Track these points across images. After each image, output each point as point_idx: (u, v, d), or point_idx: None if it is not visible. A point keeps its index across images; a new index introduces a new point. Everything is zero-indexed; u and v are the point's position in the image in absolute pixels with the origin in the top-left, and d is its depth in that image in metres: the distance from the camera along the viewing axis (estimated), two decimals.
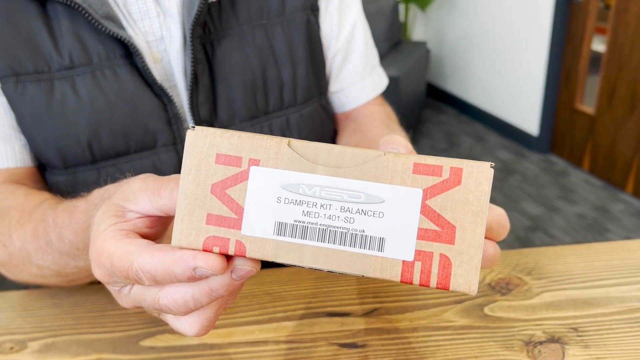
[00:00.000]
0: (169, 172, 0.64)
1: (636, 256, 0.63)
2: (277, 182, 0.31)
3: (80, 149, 0.61)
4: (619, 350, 0.50)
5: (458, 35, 3.79)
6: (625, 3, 2.58)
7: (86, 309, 0.59)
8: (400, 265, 0.30)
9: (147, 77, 0.61)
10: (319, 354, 0.52)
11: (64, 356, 0.53)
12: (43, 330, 0.57)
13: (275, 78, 0.67)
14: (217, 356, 0.52)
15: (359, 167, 0.30)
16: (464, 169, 0.30)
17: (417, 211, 0.30)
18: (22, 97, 0.59)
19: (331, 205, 0.30)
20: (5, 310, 0.60)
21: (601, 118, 2.84)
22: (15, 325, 0.58)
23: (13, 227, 0.55)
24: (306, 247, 0.30)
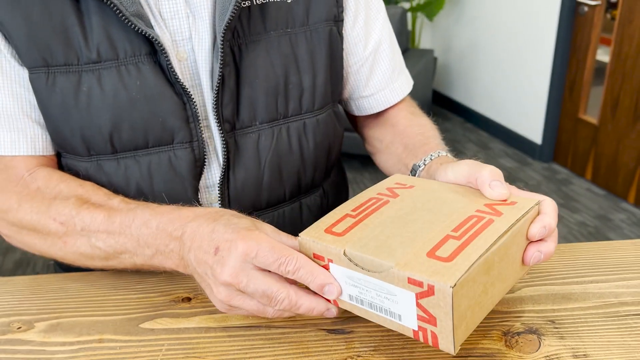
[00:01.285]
0: (183, 167, 0.67)
1: (614, 255, 0.66)
2: (343, 273, 0.50)
3: (102, 140, 0.65)
4: (592, 341, 0.53)
5: (464, 44, 3.82)
6: (629, 15, 2.60)
7: (90, 293, 0.63)
8: (411, 331, 0.47)
9: (169, 75, 0.64)
10: (308, 338, 0.54)
11: (68, 336, 0.56)
12: (49, 312, 0.60)
13: (296, 84, 0.70)
14: (212, 339, 0.55)
15: (382, 273, 0.47)
16: (435, 287, 0.43)
17: (414, 304, 0.46)
18: (52, 88, 0.63)
19: (371, 291, 0.48)
20: (13, 293, 0.63)
21: (604, 128, 2.86)
22: (23, 307, 0.61)
23: (76, 210, 0.61)
24: (363, 309, 0.50)
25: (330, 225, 0.53)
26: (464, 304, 0.44)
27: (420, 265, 0.45)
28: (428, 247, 0.47)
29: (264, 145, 0.70)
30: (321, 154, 0.76)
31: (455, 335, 0.44)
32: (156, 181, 0.67)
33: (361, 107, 0.83)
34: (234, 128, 0.68)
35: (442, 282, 0.43)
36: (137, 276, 0.65)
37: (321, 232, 0.52)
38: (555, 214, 0.53)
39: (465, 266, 0.44)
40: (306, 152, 0.73)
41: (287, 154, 0.72)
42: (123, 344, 0.55)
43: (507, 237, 0.48)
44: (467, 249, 0.46)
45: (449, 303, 0.43)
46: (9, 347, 0.55)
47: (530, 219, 0.52)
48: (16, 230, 0.65)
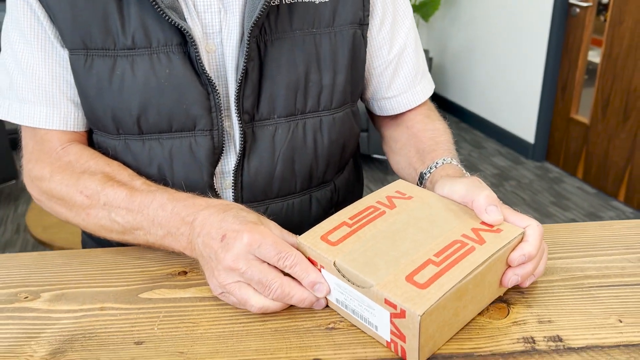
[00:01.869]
0: (202, 153, 0.71)
1: (581, 235, 0.70)
2: (332, 279, 0.55)
3: (130, 121, 0.70)
4: (557, 309, 0.57)
5: (460, 46, 3.87)
6: (620, 16, 2.65)
7: (92, 268, 0.67)
8: (385, 341, 0.53)
9: (197, 66, 0.68)
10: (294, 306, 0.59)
11: (72, 304, 0.60)
12: (54, 283, 0.64)
13: (316, 82, 0.73)
14: (206, 307, 0.59)
15: (364, 289, 0.52)
16: (406, 312, 0.48)
17: (389, 321, 0.51)
18: (90, 69, 0.68)
19: (354, 300, 0.54)
20: (19, 268, 0.67)
21: (595, 128, 2.91)
22: (29, 279, 0.65)
23: (102, 186, 0.66)
24: (346, 312, 0.56)
25: (326, 232, 0.58)
26: (432, 327, 0.49)
27: (397, 288, 0.50)
28: (408, 270, 0.52)
29: (279, 137, 0.73)
30: (335, 151, 0.78)
31: (421, 354, 0.50)
32: (176, 164, 0.71)
33: (383, 107, 0.86)
34: (252, 119, 0.72)
35: (412, 309, 0.48)
36: (137, 252, 0.70)
37: (317, 239, 0.57)
38: (538, 241, 0.56)
39: (437, 296, 0.48)
40: (320, 148, 0.76)
41: (301, 148, 0.75)
42: (123, 311, 0.59)
43: (484, 266, 0.52)
44: (443, 277, 0.50)
45: (417, 328, 0.48)
46: (17, 314, 0.59)
47: (512, 247, 0.56)
48: (47, 197, 0.71)
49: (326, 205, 0.82)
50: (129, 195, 0.65)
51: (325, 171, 0.79)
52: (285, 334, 0.55)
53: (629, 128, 2.70)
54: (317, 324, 0.56)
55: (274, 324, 0.56)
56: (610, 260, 0.65)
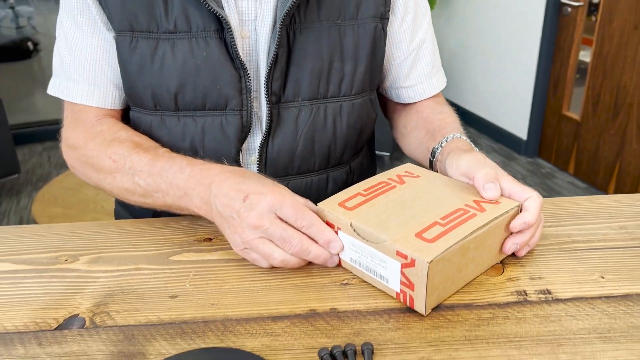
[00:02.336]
0: (231, 131, 0.78)
1: (570, 207, 0.77)
2: (347, 240, 0.62)
3: (168, 98, 0.76)
4: (547, 268, 0.64)
5: (455, 45, 3.94)
6: (610, 16, 2.73)
7: (124, 235, 0.73)
8: (394, 292, 0.59)
9: (232, 51, 0.75)
10: (311, 264, 0.65)
11: (109, 266, 0.67)
12: (90, 248, 0.70)
13: (338, 70, 0.80)
14: (232, 267, 0.66)
15: (378, 244, 0.58)
16: (416, 260, 0.54)
17: (399, 272, 0.57)
18: (134, 50, 0.75)
19: (368, 257, 0.60)
20: (56, 236, 0.74)
21: (586, 124, 2.99)
22: (67, 246, 0.71)
23: (129, 152, 0.73)
24: (359, 270, 0.62)
25: (344, 200, 0.65)
26: (438, 277, 0.56)
27: (408, 242, 0.56)
28: (417, 229, 0.58)
29: (302, 119, 0.80)
30: (352, 134, 0.85)
31: (427, 301, 0.56)
32: (207, 139, 0.77)
33: (400, 95, 0.92)
34: (279, 101, 0.78)
35: (422, 257, 0.54)
36: (164, 222, 0.76)
37: (335, 205, 0.64)
38: (538, 211, 0.63)
39: (443, 248, 0.55)
40: (339, 131, 0.83)
41: (322, 129, 0.81)
42: (157, 270, 0.65)
43: (484, 230, 0.59)
44: (448, 235, 0.57)
45: (425, 275, 0.54)
46: (60, 274, 0.65)
47: (510, 216, 0.62)
48: (80, 164, 0.78)
49: (342, 185, 0.88)
50: (152, 160, 0.71)
51: (343, 153, 0.86)
52: (304, 289, 0.61)
53: (618, 124, 2.78)
54: (332, 280, 0.63)
55: (294, 281, 0.63)
56: (595, 228, 0.72)
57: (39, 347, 0.54)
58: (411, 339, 0.54)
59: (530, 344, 0.53)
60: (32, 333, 0.56)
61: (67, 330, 0.56)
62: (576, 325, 0.55)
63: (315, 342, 0.54)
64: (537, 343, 0.53)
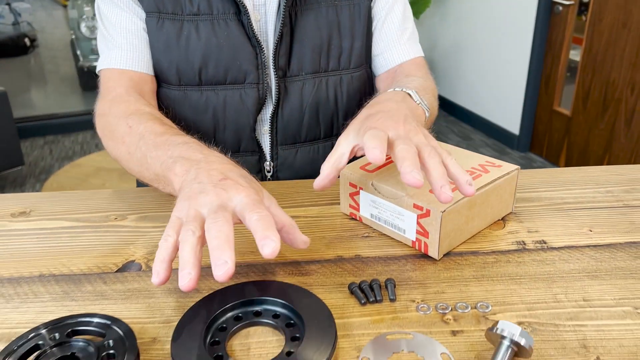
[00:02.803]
0: (249, 102, 0.87)
1: (562, 176, 0.86)
2: (368, 197, 0.70)
3: (192, 73, 0.85)
4: (542, 224, 0.73)
5: (449, 42, 4.04)
6: (600, 14, 2.84)
7: (165, 199, 0.81)
8: (410, 241, 0.67)
9: (248, 31, 0.84)
10: (337, 218, 0.74)
11: (155, 223, 0.75)
12: (136, 209, 0.79)
13: (337, 46, 0.90)
14: None
15: (397, 199, 0.67)
16: (431, 211, 0.63)
17: (415, 222, 0.65)
18: (160, 29, 0.84)
19: (387, 212, 0.68)
20: (102, 200, 0.82)
21: (576, 119, 3.09)
22: (114, 206, 0.79)
23: (145, 120, 0.74)
24: (379, 224, 0.70)
25: (364, 165, 0.73)
26: (449, 226, 0.64)
27: (423, 196, 0.65)
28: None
29: (306, 91, 0.90)
30: (353, 105, 0.94)
31: (440, 247, 0.64)
32: (228, 111, 0.86)
33: (376, 65, 0.99)
34: (285, 75, 0.88)
35: (436, 208, 0.62)
36: None
37: (357, 168, 0.73)
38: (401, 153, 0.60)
39: (453, 201, 0.63)
40: (340, 101, 0.92)
41: (325, 101, 0.91)
42: None
43: (488, 188, 0.68)
44: (458, 191, 0.64)
45: (439, 223, 0.62)
46: (112, 229, 0.74)
47: (509, 180, 0.71)
48: (102, 132, 0.80)
49: None
50: (163, 132, 0.69)
51: (345, 122, 0.94)
52: (331, 240, 0.70)
53: (607, 119, 2.89)
54: (355, 233, 0.71)
55: (321, 234, 0.71)
56: (584, 192, 0.81)
57: (104, 285, 0.62)
58: (427, 278, 0.62)
59: (529, 281, 0.61)
60: (96, 275, 0.64)
61: (126, 272, 0.65)
62: (568, 267, 0.64)
63: (344, 279, 0.62)
64: (535, 280, 0.62)
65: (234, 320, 0.55)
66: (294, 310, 0.55)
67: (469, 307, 0.57)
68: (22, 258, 0.68)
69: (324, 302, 0.55)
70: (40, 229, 0.74)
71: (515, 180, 0.73)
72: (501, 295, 0.59)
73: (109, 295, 0.60)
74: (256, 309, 0.56)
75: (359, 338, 0.53)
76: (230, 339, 0.53)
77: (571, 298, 0.58)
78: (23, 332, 0.53)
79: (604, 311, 0.56)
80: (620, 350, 0.51)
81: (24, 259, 0.67)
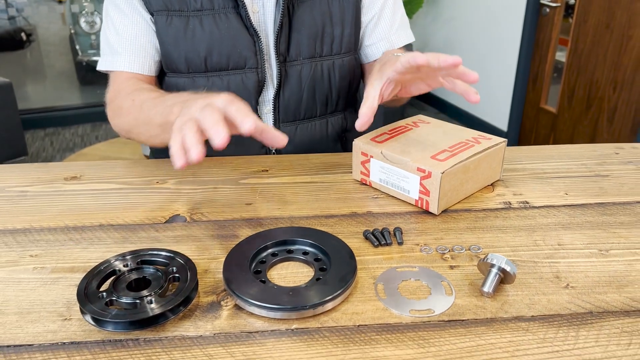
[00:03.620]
0: (250, 85, 0.99)
1: (543, 152, 0.99)
2: (378, 164, 0.81)
3: (199, 61, 0.96)
4: (525, 189, 0.85)
5: (441, 41, 4.18)
6: (584, 15, 2.98)
7: (198, 167, 0.93)
8: (414, 200, 0.79)
9: (246, 22, 0.95)
10: (349, 185, 0.86)
11: (193, 185, 0.86)
12: (173, 176, 0.90)
13: (329, 34, 1.02)
14: (289, 186, 0.86)
15: (402, 164, 0.78)
16: (432, 173, 0.74)
17: (418, 183, 0.77)
18: (169, 25, 0.95)
19: (394, 176, 0.79)
20: (143, 167, 0.93)
21: (562, 116, 3.24)
22: (154, 173, 0.91)
23: (146, 93, 0.89)
24: (387, 187, 0.82)
25: (374, 137, 0.85)
26: (447, 186, 0.76)
27: (426, 161, 0.77)
28: (432, 153, 0.79)
29: (304, 74, 1.02)
30: (344, 86, 1.07)
31: (439, 204, 0.77)
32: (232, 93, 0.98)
33: (367, 55, 1.13)
34: (285, 60, 1.00)
35: (436, 170, 0.74)
36: (228, 159, 0.96)
37: (368, 140, 0.85)
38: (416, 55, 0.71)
39: (451, 164, 0.76)
40: (333, 82, 1.05)
41: (320, 82, 1.03)
42: (232, 188, 0.85)
43: (480, 155, 0.80)
44: (454, 157, 0.78)
45: (438, 183, 0.74)
46: (155, 191, 0.85)
47: (497, 150, 0.83)
48: (113, 115, 0.96)
49: (338, 129, 1.10)
50: (159, 95, 0.86)
51: (338, 101, 1.08)
52: (345, 200, 0.82)
53: (591, 116, 3.03)
54: (365, 195, 0.83)
55: (336, 195, 0.83)
56: (562, 164, 0.94)
57: (157, 232, 0.74)
58: (428, 228, 0.75)
59: (513, 231, 0.74)
60: (148, 225, 0.76)
61: (174, 223, 0.76)
62: (546, 220, 0.76)
63: (358, 229, 0.74)
64: (518, 230, 0.74)
65: (271, 256, 0.67)
66: (321, 248, 0.67)
67: (463, 249, 0.70)
68: (81, 212, 0.79)
69: (345, 242, 0.67)
70: (93, 190, 0.85)
71: (503, 151, 0.85)
72: (490, 241, 0.71)
73: (162, 239, 0.72)
74: (289, 248, 0.68)
75: (373, 270, 0.65)
76: (269, 270, 0.65)
77: (548, 243, 0.71)
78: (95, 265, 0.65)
79: (574, 252, 0.69)
80: (586, 279, 0.64)
81: (83, 213, 0.79)
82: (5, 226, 0.75)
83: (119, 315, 0.55)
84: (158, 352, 0.53)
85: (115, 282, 0.60)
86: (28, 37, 4.57)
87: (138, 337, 0.55)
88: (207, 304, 0.60)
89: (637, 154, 0.98)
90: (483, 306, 0.59)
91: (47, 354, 0.53)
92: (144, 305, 0.56)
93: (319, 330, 0.56)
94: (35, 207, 0.80)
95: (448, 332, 0.56)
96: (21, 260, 0.68)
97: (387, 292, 0.62)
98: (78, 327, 0.56)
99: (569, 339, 0.55)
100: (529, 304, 0.60)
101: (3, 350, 0.53)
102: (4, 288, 0.63)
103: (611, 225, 0.75)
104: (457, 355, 0.53)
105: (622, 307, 0.59)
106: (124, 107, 0.92)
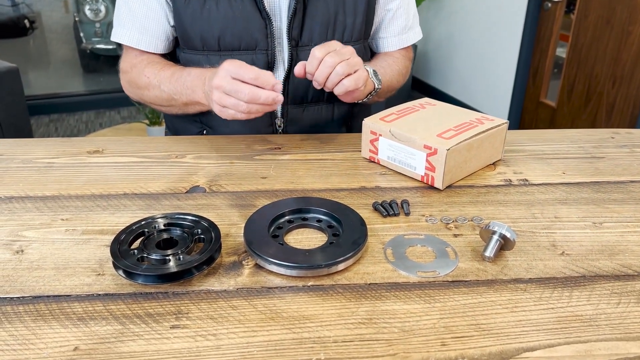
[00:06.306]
0: (260, 66, 1.01)
1: (544, 136, 1.04)
2: (386, 142, 0.87)
3: (213, 40, 1.01)
4: (525, 167, 0.90)
5: (442, 35, 4.22)
6: (585, 11, 3.02)
7: (215, 143, 0.97)
8: (420, 176, 0.84)
9: (259, 5, 0.99)
10: (359, 162, 0.90)
11: (211, 160, 0.91)
12: (191, 151, 0.95)
13: (341, 22, 1.06)
14: (302, 163, 0.90)
15: (410, 142, 0.83)
16: (438, 149, 0.79)
17: (424, 160, 0.82)
18: (187, 6, 0.99)
19: (401, 153, 0.84)
20: (162, 143, 0.97)
21: (561, 110, 3.28)
22: (173, 148, 0.95)
23: (158, 69, 0.98)
24: (394, 164, 0.87)
25: (383, 117, 0.90)
26: (451, 163, 0.81)
27: (431, 138, 0.82)
28: (438, 131, 0.84)
29: None
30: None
31: (444, 179, 0.81)
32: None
33: (379, 45, 1.18)
34: (297, 45, 1.04)
35: (442, 147, 0.79)
36: (242, 137, 1.00)
37: (377, 119, 0.89)
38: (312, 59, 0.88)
39: (456, 142, 0.80)
40: None
41: None
42: (247, 163, 0.90)
43: (482, 135, 0.85)
44: (459, 136, 0.82)
45: (444, 159, 0.79)
46: (175, 164, 0.90)
47: (499, 131, 0.88)
48: (128, 84, 1.05)
49: (344, 113, 1.14)
50: (173, 73, 0.97)
51: None
52: (355, 176, 0.87)
53: (589, 110, 3.08)
54: (374, 171, 0.88)
55: (346, 171, 0.88)
56: (561, 147, 0.98)
57: (178, 201, 0.79)
58: (433, 202, 0.79)
59: (513, 205, 0.79)
60: (170, 194, 0.80)
61: (194, 193, 0.81)
62: (544, 196, 0.81)
63: (367, 201, 0.79)
64: (518, 205, 0.79)
65: (287, 222, 0.71)
66: (334, 216, 0.71)
67: (466, 220, 0.75)
68: (105, 182, 0.84)
69: (355, 211, 0.72)
70: (115, 162, 0.90)
71: (505, 132, 0.90)
72: (491, 213, 0.76)
73: (184, 207, 0.77)
74: (304, 216, 0.73)
75: (382, 237, 0.70)
76: (286, 235, 0.70)
77: (546, 216, 0.76)
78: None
79: (570, 224, 0.74)
80: (580, 248, 0.69)
81: (107, 183, 0.83)
82: (35, 193, 0.80)
83: (149, 269, 0.60)
84: (186, 303, 0.58)
85: (145, 241, 0.64)
86: (31, 24, 4.60)
87: (167, 290, 0.60)
88: (229, 263, 0.65)
89: (631, 138, 1.03)
90: (484, 269, 0.64)
91: (85, 304, 0.58)
92: (171, 261, 0.61)
93: (333, 287, 0.61)
94: (63, 177, 0.85)
95: (452, 290, 0.61)
96: (53, 223, 0.72)
97: (395, 256, 0.67)
98: (111, 281, 0.61)
99: (563, 298, 0.59)
100: (527, 268, 0.65)
101: (44, 300, 0.58)
102: (39, 247, 0.67)
103: (605, 201, 0.80)
104: (460, 310, 0.57)
105: (612, 272, 0.64)
106: (141, 83, 1.00)
